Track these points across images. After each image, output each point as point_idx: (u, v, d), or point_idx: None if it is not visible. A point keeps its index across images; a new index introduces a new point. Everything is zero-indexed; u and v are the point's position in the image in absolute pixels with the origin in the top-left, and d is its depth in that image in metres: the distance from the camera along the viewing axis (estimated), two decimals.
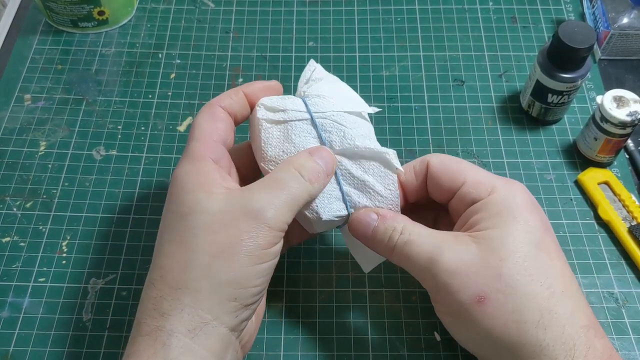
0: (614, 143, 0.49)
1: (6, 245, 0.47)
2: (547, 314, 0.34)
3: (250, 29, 0.61)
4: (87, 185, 0.50)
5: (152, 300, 0.33)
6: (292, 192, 0.36)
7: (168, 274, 0.34)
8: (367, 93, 0.57)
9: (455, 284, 0.34)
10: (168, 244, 0.35)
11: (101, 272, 0.46)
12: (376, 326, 0.44)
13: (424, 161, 0.40)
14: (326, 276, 0.46)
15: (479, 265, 0.34)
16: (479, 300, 0.34)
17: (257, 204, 0.34)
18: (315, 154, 0.38)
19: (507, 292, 0.34)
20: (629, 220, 0.48)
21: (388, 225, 0.38)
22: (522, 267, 0.34)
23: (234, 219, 0.34)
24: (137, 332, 0.33)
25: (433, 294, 0.37)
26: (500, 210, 0.36)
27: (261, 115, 0.40)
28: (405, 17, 0.62)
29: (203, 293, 0.33)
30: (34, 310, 0.44)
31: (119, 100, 0.56)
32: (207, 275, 0.33)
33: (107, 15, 0.59)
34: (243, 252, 0.34)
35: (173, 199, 0.36)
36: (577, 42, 0.48)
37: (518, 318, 0.33)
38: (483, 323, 0.34)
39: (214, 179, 0.36)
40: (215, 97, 0.41)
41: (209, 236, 0.34)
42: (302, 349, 0.43)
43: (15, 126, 0.54)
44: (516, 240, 0.35)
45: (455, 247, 0.35)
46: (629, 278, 0.46)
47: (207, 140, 0.38)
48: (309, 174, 0.37)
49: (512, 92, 0.57)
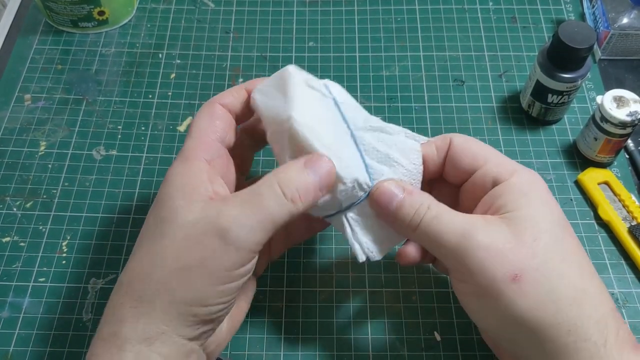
0: (614, 143, 0.49)
1: (6, 245, 0.47)
2: (580, 293, 0.33)
3: (250, 29, 0.61)
4: (87, 185, 0.50)
5: (115, 304, 0.33)
6: (270, 212, 0.33)
7: (134, 281, 0.33)
8: (367, 93, 0.57)
9: (489, 260, 0.33)
10: (141, 248, 0.34)
11: (101, 272, 0.46)
12: (376, 326, 0.44)
13: (446, 138, 0.39)
14: (326, 276, 0.46)
15: (514, 243, 0.34)
16: (514, 278, 0.33)
17: (227, 222, 0.32)
18: (311, 165, 0.35)
19: (543, 271, 0.33)
20: (629, 221, 0.48)
21: (415, 200, 0.36)
22: (555, 247, 0.34)
23: (201, 234, 0.32)
24: (98, 335, 0.33)
25: (459, 274, 0.35)
26: (526, 192, 0.36)
27: (293, 70, 0.38)
28: (405, 17, 0.62)
29: (160, 307, 0.32)
30: (34, 310, 0.44)
31: (119, 100, 0.56)
32: (166, 290, 0.32)
33: (107, 15, 0.59)
34: (205, 272, 0.32)
35: (159, 200, 0.35)
36: (577, 42, 0.48)
37: (554, 297, 0.33)
38: (517, 302, 0.33)
39: (200, 183, 0.34)
40: (217, 95, 0.40)
41: (175, 251, 0.32)
42: (302, 349, 0.43)
43: (15, 126, 0.54)
44: (546, 221, 0.35)
45: (487, 226, 0.34)
46: (628, 278, 0.46)
47: (203, 138, 0.37)
48: (293, 192, 0.34)
49: (512, 92, 0.57)
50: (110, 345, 0.32)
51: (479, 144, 0.39)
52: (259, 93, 0.39)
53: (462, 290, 0.36)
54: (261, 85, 0.39)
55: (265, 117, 0.38)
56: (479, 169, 0.37)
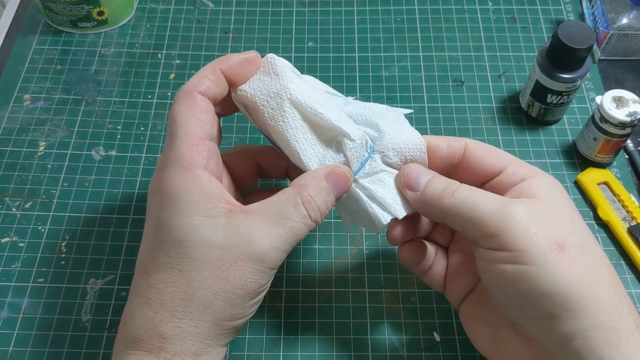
0: (613, 143, 0.49)
1: (5, 246, 0.47)
2: (613, 274, 0.34)
3: (249, 29, 0.61)
4: (86, 185, 0.50)
5: (148, 319, 0.33)
6: (297, 233, 0.35)
7: (168, 301, 0.33)
8: (367, 93, 0.57)
9: (534, 228, 0.33)
10: (166, 269, 0.34)
11: (100, 272, 0.46)
12: (376, 326, 0.44)
13: (460, 140, 0.39)
14: (326, 276, 0.46)
15: (553, 217, 0.34)
16: (560, 248, 0.33)
17: (262, 247, 0.34)
18: (332, 180, 0.36)
19: (584, 246, 0.33)
20: (629, 221, 0.48)
21: (445, 179, 0.37)
22: (586, 229, 0.35)
23: (238, 259, 0.33)
24: (136, 346, 0.33)
25: (496, 240, 0.33)
26: (552, 185, 0.36)
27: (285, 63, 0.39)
28: (404, 17, 0.62)
29: (205, 326, 0.34)
30: (33, 310, 0.44)
31: (118, 100, 0.56)
32: (210, 311, 0.33)
33: (106, 15, 0.59)
34: (244, 292, 0.34)
35: (165, 217, 0.34)
36: (576, 43, 0.48)
37: (595, 272, 0.33)
38: (563, 270, 0.32)
39: (211, 197, 0.34)
40: (190, 80, 0.37)
41: (212, 274, 0.33)
42: (302, 349, 0.43)
43: (14, 126, 0.54)
44: (573, 207, 0.36)
45: (526, 202, 0.34)
46: (628, 278, 0.46)
47: (193, 139, 0.35)
48: (317, 213, 0.35)
49: (512, 93, 0.57)
50: (156, 357, 0.33)
51: (496, 148, 0.39)
52: (245, 85, 0.38)
53: (494, 257, 0.34)
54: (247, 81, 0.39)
55: (258, 100, 0.37)
56: (506, 168, 0.37)
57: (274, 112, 0.37)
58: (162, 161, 0.35)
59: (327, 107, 0.37)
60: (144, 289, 0.34)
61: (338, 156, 0.37)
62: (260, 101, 0.37)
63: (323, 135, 0.38)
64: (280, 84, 0.37)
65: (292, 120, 0.37)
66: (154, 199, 0.35)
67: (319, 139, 0.38)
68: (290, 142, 0.37)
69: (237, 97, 0.38)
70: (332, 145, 0.38)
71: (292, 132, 0.37)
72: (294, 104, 0.37)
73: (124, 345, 0.34)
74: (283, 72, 0.37)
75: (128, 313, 0.35)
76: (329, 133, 0.37)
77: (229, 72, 0.37)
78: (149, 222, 0.36)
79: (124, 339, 0.34)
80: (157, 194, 0.35)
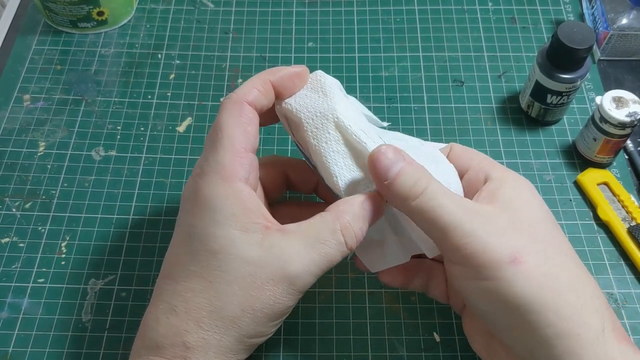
0: (613, 144, 0.49)
1: (5, 246, 0.47)
2: (578, 281, 0.33)
3: (249, 29, 0.61)
4: (86, 185, 0.50)
5: (174, 327, 0.33)
6: (331, 259, 0.34)
7: (194, 311, 0.33)
8: (367, 93, 0.57)
9: (490, 241, 0.33)
10: (196, 278, 0.33)
11: (100, 272, 0.46)
12: (375, 327, 0.44)
13: (447, 146, 0.41)
14: (326, 277, 0.46)
15: (513, 228, 0.34)
16: (514, 260, 0.33)
17: (295, 270, 0.33)
18: (369, 209, 0.35)
19: (543, 256, 0.33)
20: (628, 221, 0.48)
21: (416, 170, 0.34)
22: (551, 237, 0.35)
23: (270, 278, 0.33)
24: (157, 352, 0.33)
25: (457, 255, 0.34)
26: (518, 186, 0.36)
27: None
28: (404, 17, 0.62)
29: (229, 340, 0.33)
30: (33, 311, 0.44)
31: (118, 100, 0.56)
32: (236, 327, 0.33)
33: (106, 15, 0.59)
34: (272, 312, 0.34)
35: (200, 225, 0.34)
36: (576, 43, 0.48)
37: (554, 282, 0.33)
38: (518, 284, 0.32)
39: (250, 211, 0.34)
40: (240, 89, 0.36)
41: (242, 290, 0.33)
42: (302, 350, 0.43)
43: (14, 127, 0.54)
44: (541, 210, 0.36)
45: (487, 211, 0.34)
46: (628, 279, 0.46)
47: (237, 150, 0.34)
48: (353, 241, 0.35)
49: (512, 93, 0.57)
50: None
51: (474, 150, 0.40)
52: (292, 99, 0.38)
53: (460, 273, 0.35)
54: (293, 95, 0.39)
55: (303, 116, 0.37)
56: (473, 165, 0.39)
57: (318, 132, 0.37)
58: (201, 167, 0.35)
59: (370, 136, 0.37)
60: (169, 294, 0.34)
61: (371, 184, 0.37)
62: (305, 118, 0.37)
63: (360, 161, 0.37)
64: (328, 104, 0.37)
65: (334, 144, 0.36)
66: (188, 205, 0.35)
67: (357, 164, 0.37)
68: (330, 166, 0.36)
69: (282, 109, 0.38)
70: (366, 171, 0.37)
71: (333, 156, 0.36)
72: (339, 127, 0.37)
73: (145, 349, 0.34)
74: (332, 93, 0.37)
75: (152, 317, 0.34)
76: (366, 160, 0.36)
77: (278, 85, 0.37)
78: (180, 227, 0.36)
79: (145, 343, 0.34)
80: (192, 200, 0.35)
